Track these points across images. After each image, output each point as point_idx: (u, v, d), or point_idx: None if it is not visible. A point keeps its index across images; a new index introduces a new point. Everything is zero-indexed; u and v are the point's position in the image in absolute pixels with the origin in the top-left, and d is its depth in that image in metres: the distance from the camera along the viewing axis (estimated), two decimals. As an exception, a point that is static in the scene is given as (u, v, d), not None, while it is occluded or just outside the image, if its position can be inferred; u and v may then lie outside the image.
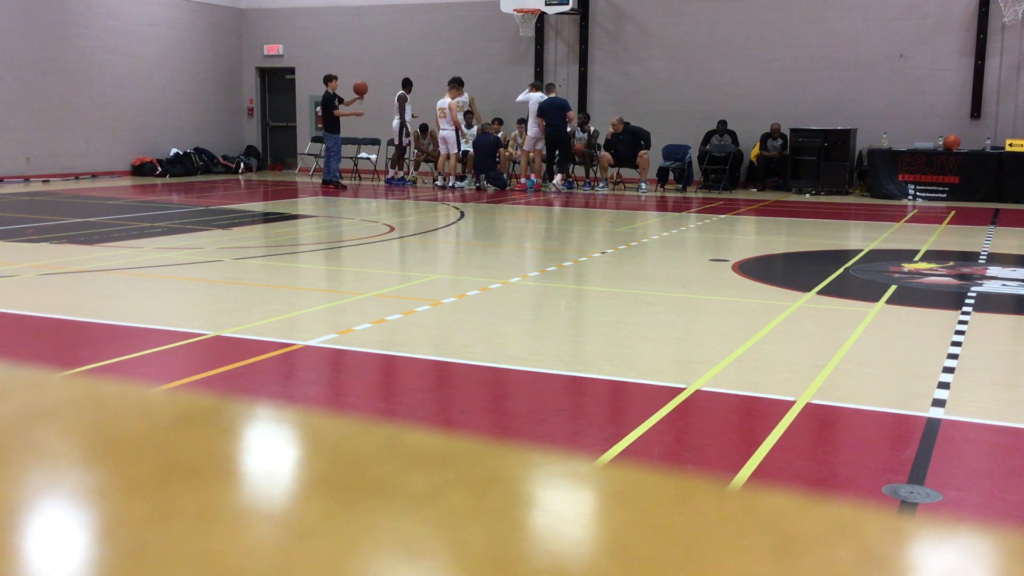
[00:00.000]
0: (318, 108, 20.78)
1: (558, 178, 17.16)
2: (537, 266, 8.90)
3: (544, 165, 17.89)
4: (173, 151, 20.58)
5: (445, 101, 17.28)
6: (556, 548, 0.53)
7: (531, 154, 17.22)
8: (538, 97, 16.97)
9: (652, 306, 6.90)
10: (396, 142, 18.15)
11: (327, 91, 17.22)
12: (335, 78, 17.40)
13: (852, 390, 4.66)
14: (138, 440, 0.67)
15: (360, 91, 17.27)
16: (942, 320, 6.40)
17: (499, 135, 17.71)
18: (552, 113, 16.72)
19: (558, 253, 9.87)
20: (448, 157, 17.50)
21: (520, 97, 17.42)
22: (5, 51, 17.46)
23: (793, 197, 16.56)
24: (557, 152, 17.18)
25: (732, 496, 0.58)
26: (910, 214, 13.98)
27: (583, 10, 19.07)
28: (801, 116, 17.54)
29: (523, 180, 17.21)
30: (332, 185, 17.19)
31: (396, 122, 17.93)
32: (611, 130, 17.56)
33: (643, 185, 17.31)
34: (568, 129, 17.17)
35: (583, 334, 6.11)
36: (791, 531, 0.53)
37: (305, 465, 0.66)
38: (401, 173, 18.43)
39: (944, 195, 15.95)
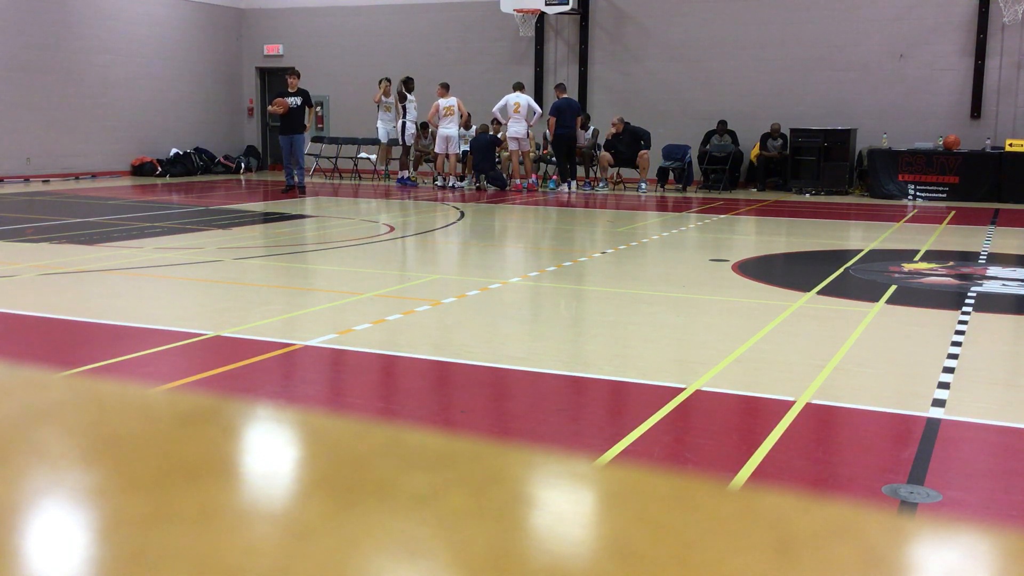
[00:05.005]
0: (319, 108, 20.75)
1: (573, 184, 17.15)
2: (537, 266, 8.90)
3: (536, 164, 17.90)
4: (173, 151, 20.57)
5: (451, 100, 17.22)
6: (556, 548, 0.53)
7: (520, 154, 17.15)
8: (515, 97, 16.88)
9: (652, 306, 6.90)
10: (401, 142, 18.10)
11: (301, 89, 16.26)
12: (288, 72, 16.55)
13: (852, 390, 4.66)
14: (138, 440, 0.67)
15: (275, 108, 15.97)
16: (942, 320, 6.40)
17: (498, 135, 17.69)
18: (567, 114, 16.67)
19: (558, 253, 9.87)
20: (448, 157, 17.48)
21: (497, 105, 17.20)
22: (5, 51, 17.46)
23: (793, 197, 16.56)
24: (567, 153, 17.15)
25: (732, 496, 0.57)
26: (910, 214, 13.98)
27: (583, 10, 19.07)
28: (801, 116, 17.54)
29: (518, 182, 17.17)
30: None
31: (400, 122, 17.88)
32: (612, 130, 17.56)
33: (643, 185, 17.30)
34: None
35: (583, 334, 6.11)
36: (791, 531, 0.53)
37: (305, 465, 0.66)
38: (405, 173, 18.42)
39: (944, 195, 15.95)
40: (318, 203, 15.10)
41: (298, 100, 16.03)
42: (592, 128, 18.02)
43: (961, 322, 6.21)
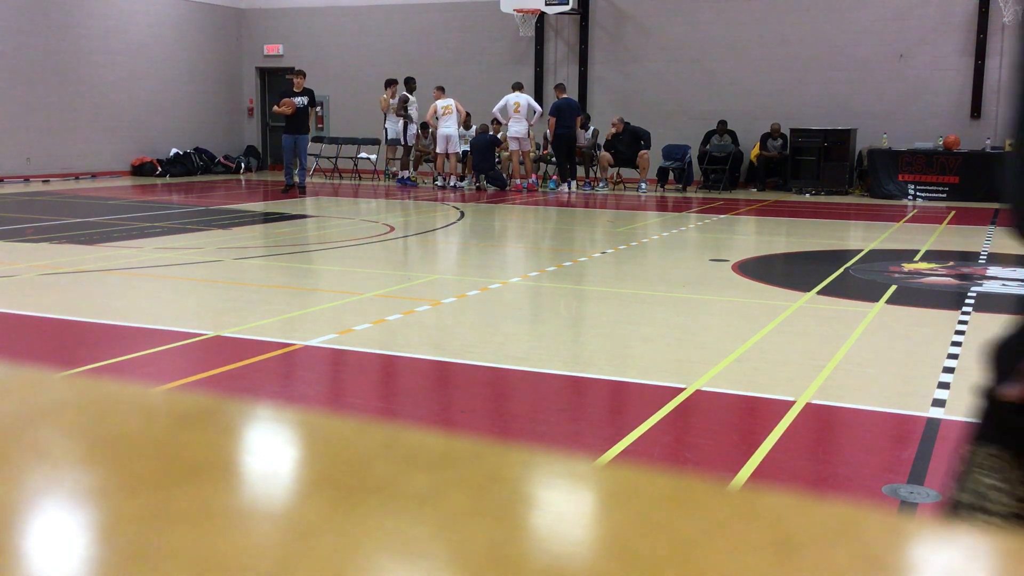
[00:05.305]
0: (319, 108, 20.74)
1: (573, 184, 17.14)
2: (537, 266, 8.90)
3: (536, 164, 17.91)
4: (173, 151, 20.57)
5: (447, 100, 17.22)
6: (556, 548, 0.53)
7: (520, 154, 17.14)
8: (514, 97, 16.87)
9: (652, 306, 6.90)
10: (403, 142, 18.08)
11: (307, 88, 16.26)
12: (293, 72, 16.55)
13: (852, 390, 4.66)
14: (138, 440, 0.67)
15: (283, 108, 16.04)
16: (942, 320, 6.40)
17: (498, 135, 17.68)
18: (567, 114, 16.65)
19: (558, 253, 9.87)
20: (448, 157, 17.47)
21: (497, 106, 17.19)
22: (5, 51, 17.46)
23: (793, 197, 16.56)
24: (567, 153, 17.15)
25: (732, 496, 0.57)
26: (910, 214, 13.98)
27: (583, 10, 19.07)
28: (801, 116, 17.54)
29: (518, 182, 17.16)
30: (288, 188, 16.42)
31: (401, 123, 17.84)
32: (612, 130, 17.56)
33: (643, 185, 17.30)
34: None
35: (583, 334, 6.11)
36: (791, 531, 0.53)
37: (305, 465, 0.66)
38: (406, 173, 18.40)
39: (944, 195, 15.95)
40: (318, 203, 15.10)
41: (304, 100, 16.01)
42: (592, 128, 18.02)
43: (961, 322, 6.21)
